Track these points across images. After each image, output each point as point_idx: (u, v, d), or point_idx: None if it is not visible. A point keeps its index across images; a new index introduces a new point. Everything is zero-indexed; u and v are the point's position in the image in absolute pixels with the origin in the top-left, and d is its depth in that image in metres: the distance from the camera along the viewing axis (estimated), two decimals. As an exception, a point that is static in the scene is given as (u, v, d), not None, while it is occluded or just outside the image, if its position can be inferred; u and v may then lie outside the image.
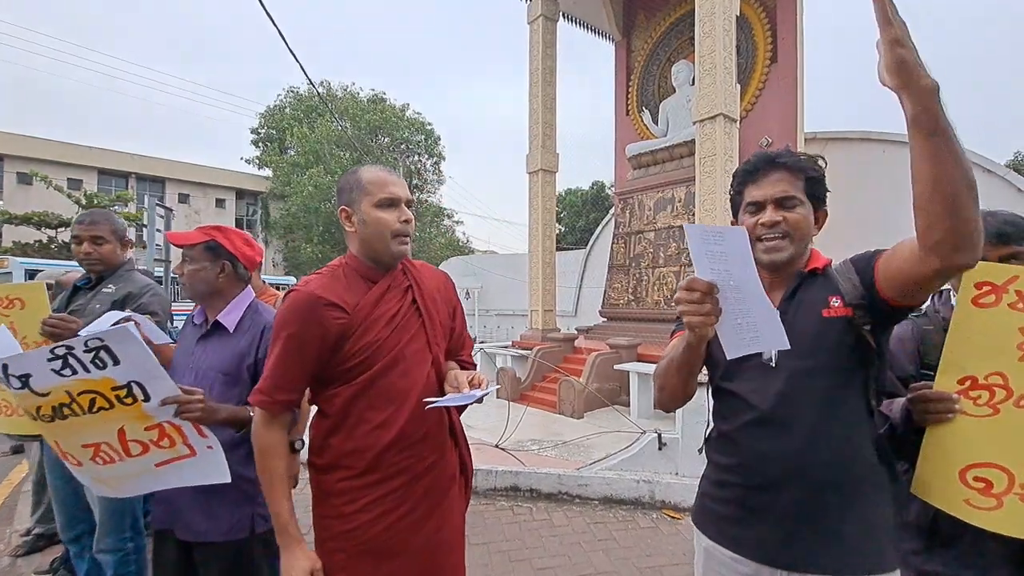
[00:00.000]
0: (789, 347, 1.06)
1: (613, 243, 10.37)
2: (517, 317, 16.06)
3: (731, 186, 1.41)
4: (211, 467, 1.57)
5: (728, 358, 1.10)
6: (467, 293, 20.11)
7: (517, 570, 3.13)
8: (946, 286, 1.59)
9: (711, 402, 1.42)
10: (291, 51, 8.47)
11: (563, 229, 35.13)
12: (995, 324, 1.19)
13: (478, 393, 1.41)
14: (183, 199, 30.26)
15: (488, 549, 3.37)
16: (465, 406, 1.70)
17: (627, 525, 3.74)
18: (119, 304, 2.11)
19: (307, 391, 1.49)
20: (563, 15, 10.94)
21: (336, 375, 1.43)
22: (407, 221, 1.50)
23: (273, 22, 7.45)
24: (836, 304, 1.23)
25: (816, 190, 1.29)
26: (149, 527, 2.45)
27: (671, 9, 10.20)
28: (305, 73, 8.92)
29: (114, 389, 1.42)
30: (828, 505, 1.18)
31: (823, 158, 1.34)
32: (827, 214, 1.33)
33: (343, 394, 1.43)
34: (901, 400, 1.35)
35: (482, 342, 16.27)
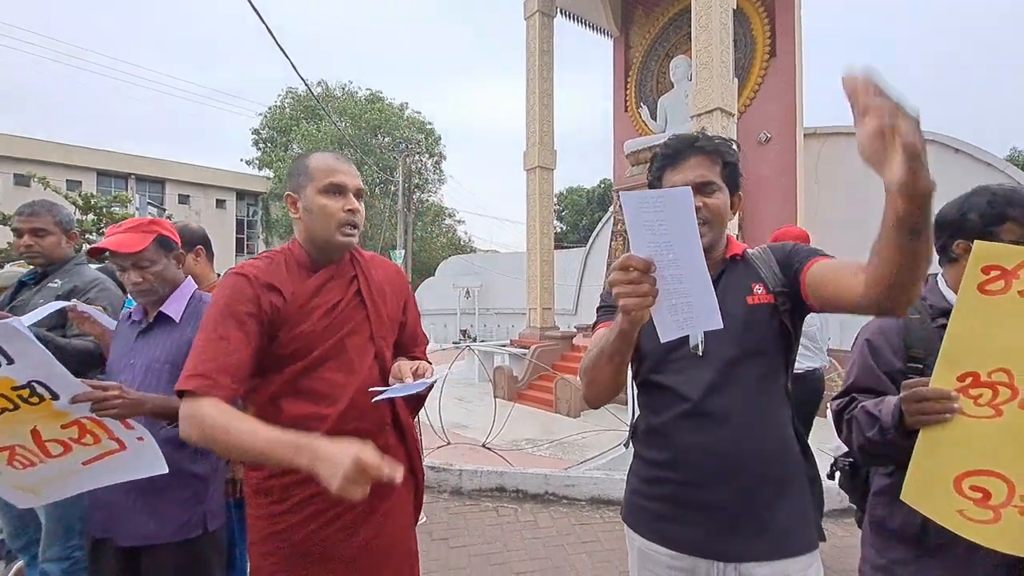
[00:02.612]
0: (723, 327, 0.99)
1: (612, 240, 10.26)
2: (517, 316, 15.98)
3: (648, 171, 1.37)
4: (145, 459, 1.46)
5: (662, 341, 1.04)
6: (467, 292, 20.06)
7: (496, 573, 3.04)
8: (933, 270, 1.48)
9: (634, 393, 1.37)
10: (281, 49, 8.42)
11: (565, 228, 35.08)
12: (1003, 314, 1.03)
13: (423, 383, 1.34)
14: (183, 200, 30.31)
15: (468, 552, 3.28)
16: (420, 403, 1.64)
17: (614, 526, 3.63)
18: (64, 299, 2.00)
19: None
20: (560, 11, 10.83)
21: (268, 365, 1.34)
22: (352, 210, 1.40)
23: (262, 20, 7.39)
24: (759, 291, 1.25)
25: (732, 175, 1.29)
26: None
27: (669, 4, 10.08)
28: (297, 71, 8.86)
29: (15, 389, 1.30)
30: (763, 496, 1.19)
31: (737, 143, 1.35)
32: (741, 199, 1.34)
33: (271, 384, 1.34)
34: (892, 399, 1.23)
35: (482, 341, 16.26)
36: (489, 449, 5.26)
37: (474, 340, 16.90)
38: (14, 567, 2.54)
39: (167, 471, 1.48)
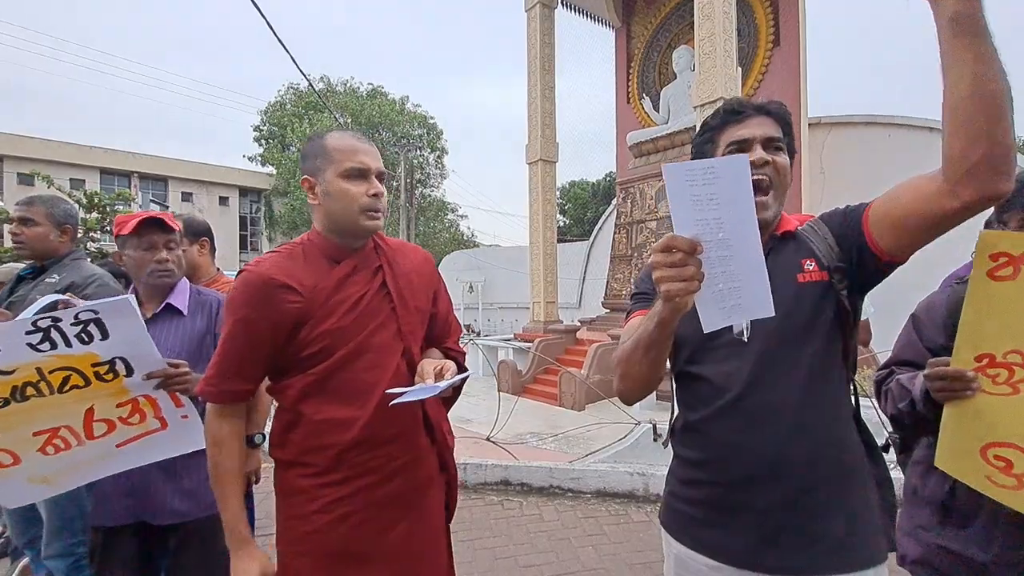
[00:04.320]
0: (774, 313, 0.90)
1: (615, 233, 10.22)
2: (521, 310, 15.96)
3: (699, 133, 1.23)
4: (185, 436, 1.55)
5: (705, 331, 0.94)
6: (471, 287, 20.05)
7: (502, 567, 3.02)
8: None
9: (673, 387, 1.28)
10: (283, 45, 8.38)
11: (569, 222, 34.99)
12: (1013, 298, 1.08)
13: (442, 385, 1.24)
14: (186, 198, 30.32)
15: (473, 546, 3.27)
16: (453, 399, 1.56)
17: (619, 519, 3.62)
18: (62, 294, 2.00)
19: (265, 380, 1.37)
20: (561, 2, 10.78)
21: (291, 364, 1.29)
22: (377, 195, 1.32)
23: (263, 16, 7.34)
24: (811, 268, 1.11)
25: (791, 144, 1.19)
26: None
27: (671, -7, 10.00)
28: (297, 66, 8.82)
29: (95, 365, 1.37)
30: (814, 501, 1.06)
31: (789, 114, 1.23)
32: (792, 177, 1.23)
33: (296, 385, 1.29)
34: (922, 375, 1.26)
35: (486, 335, 16.26)
36: (493, 443, 5.25)
37: (478, 335, 16.89)
38: (20, 564, 2.54)
39: (204, 447, 1.49)
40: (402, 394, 1.22)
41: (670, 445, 1.31)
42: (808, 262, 1.11)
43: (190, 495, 1.67)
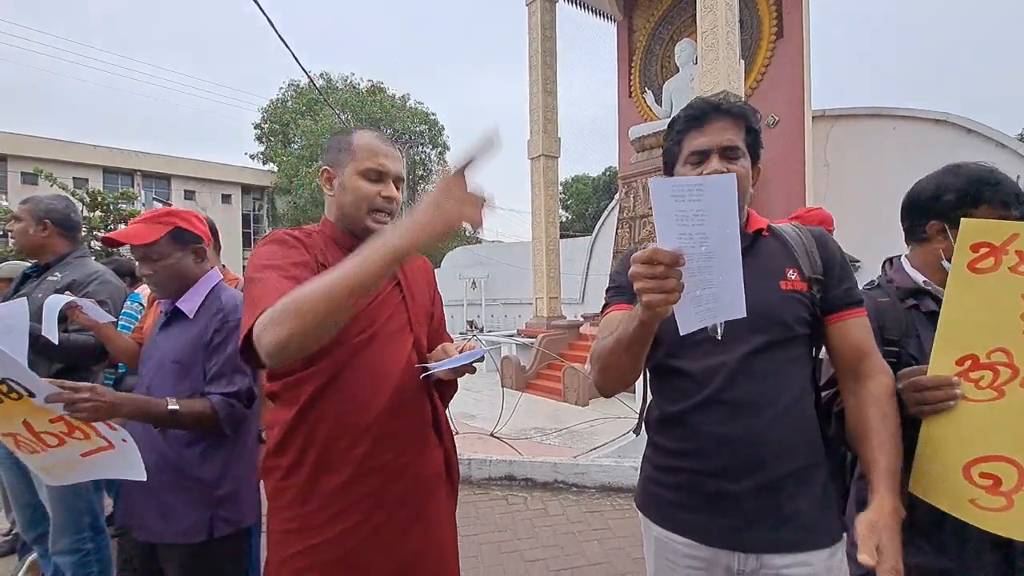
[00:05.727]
0: (746, 315, 0.93)
1: (617, 228, 10.18)
2: (524, 306, 15.97)
3: (667, 137, 1.28)
4: (128, 462, 1.44)
5: (682, 333, 0.95)
6: (473, 283, 20.04)
7: (507, 562, 3.03)
8: (896, 253, 1.46)
9: (647, 378, 1.32)
10: (284, 42, 8.36)
11: (570, 217, 34.93)
12: (995, 292, 1.01)
13: (473, 355, 1.25)
14: (189, 196, 30.46)
15: (478, 540, 3.28)
16: (448, 398, 1.56)
17: (624, 513, 3.63)
18: (62, 292, 2.03)
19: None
20: (562, -4, 10.73)
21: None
22: (390, 199, 1.33)
23: (264, 12, 7.33)
24: (793, 277, 1.18)
25: (755, 143, 1.23)
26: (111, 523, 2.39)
27: (673, -14, 9.95)
28: (298, 62, 8.79)
29: None
30: (786, 488, 1.13)
31: (758, 111, 1.27)
32: (760, 171, 1.27)
33: (316, 377, 1.24)
34: None
35: (489, 331, 16.25)
36: (498, 438, 5.27)
37: (481, 331, 16.90)
38: (28, 560, 2.56)
39: (144, 479, 1.44)
40: (432, 368, 1.24)
41: (643, 432, 1.35)
42: (791, 271, 1.19)
43: (165, 515, 1.55)
